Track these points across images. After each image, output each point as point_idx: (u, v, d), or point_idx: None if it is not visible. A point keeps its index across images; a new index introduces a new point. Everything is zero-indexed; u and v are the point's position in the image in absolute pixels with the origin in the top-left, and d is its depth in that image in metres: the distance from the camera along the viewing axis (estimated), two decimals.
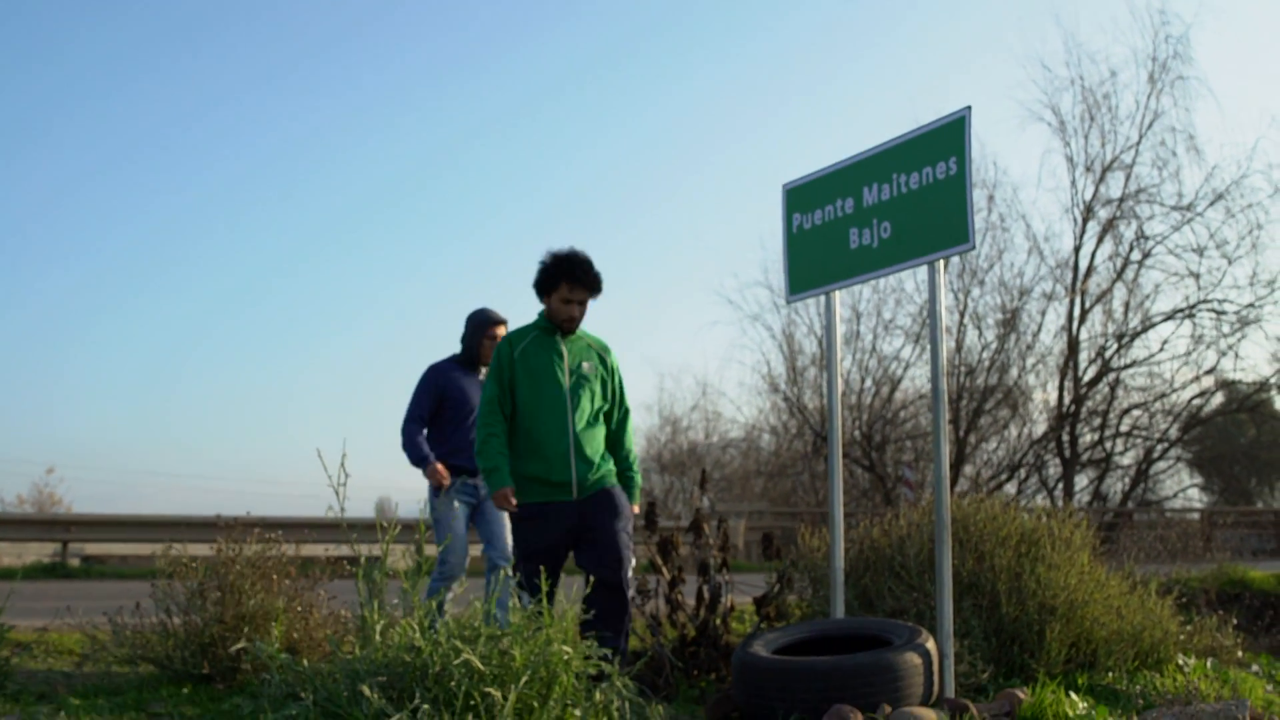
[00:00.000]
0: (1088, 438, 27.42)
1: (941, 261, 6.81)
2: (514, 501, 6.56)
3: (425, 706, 5.40)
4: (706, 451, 35.65)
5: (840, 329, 7.71)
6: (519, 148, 75.70)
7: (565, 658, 5.91)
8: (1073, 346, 25.89)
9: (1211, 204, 25.57)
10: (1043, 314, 26.74)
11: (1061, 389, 26.42)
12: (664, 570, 7.98)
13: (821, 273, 7.47)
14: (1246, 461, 42.32)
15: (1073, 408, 26.37)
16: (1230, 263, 26.02)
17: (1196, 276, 26.00)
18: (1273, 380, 29.51)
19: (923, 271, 24.55)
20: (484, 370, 8.12)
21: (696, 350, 74.21)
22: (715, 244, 66.90)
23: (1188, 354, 26.96)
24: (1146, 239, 25.98)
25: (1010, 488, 26.28)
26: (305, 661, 6.16)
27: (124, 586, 11.18)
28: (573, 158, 76.33)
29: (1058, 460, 27.04)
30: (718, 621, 7.86)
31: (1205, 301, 26.23)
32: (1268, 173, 37.85)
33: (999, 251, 26.45)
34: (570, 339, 6.84)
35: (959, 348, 25.71)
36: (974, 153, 6.66)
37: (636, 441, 7.29)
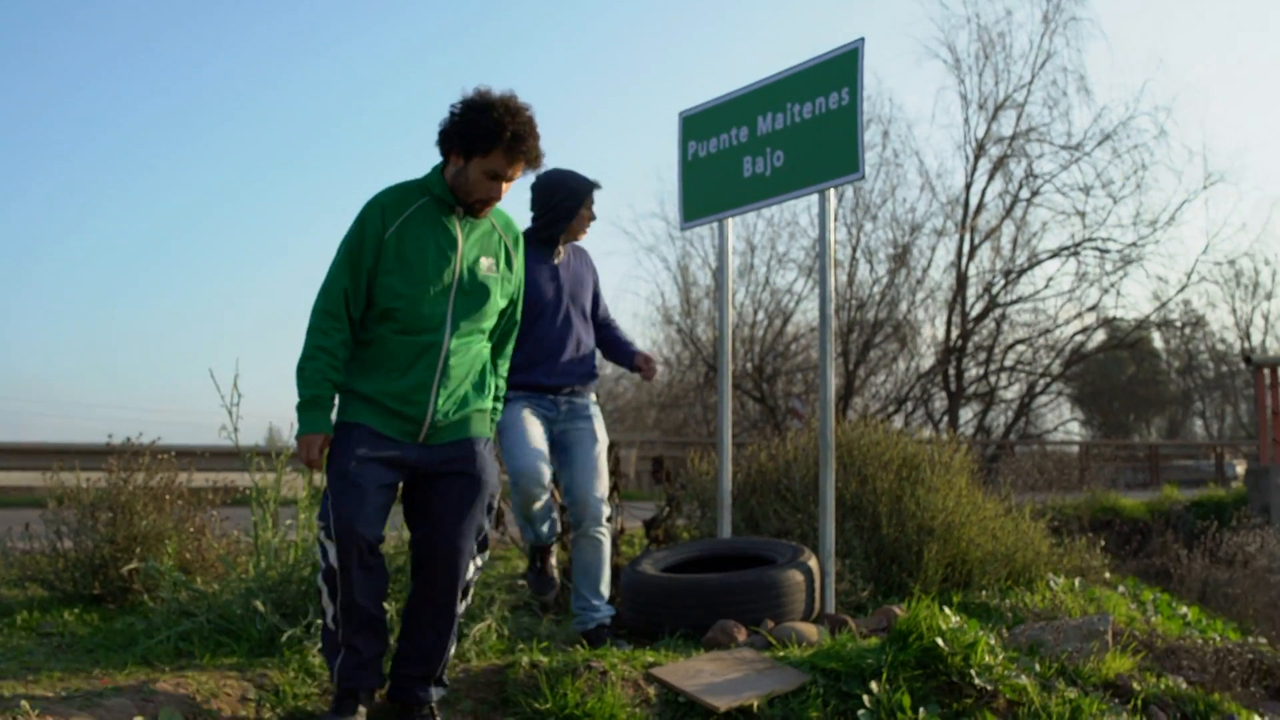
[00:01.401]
0: (973, 372, 27.99)
1: (832, 191, 6.96)
2: (320, 457, 4.43)
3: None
4: (601, 383, 35.83)
5: (734, 262, 7.84)
6: (425, 87, 74.72)
7: None
8: (961, 282, 26.35)
9: (1099, 144, 26.11)
10: (933, 250, 27.18)
11: (949, 324, 26.90)
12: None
13: (715, 200, 7.58)
14: (1125, 397, 43.53)
15: (960, 342, 26.87)
16: (1115, 202, 26.63)
17: (1082, 215, 26.56)
18: (1152, 318, 30.28)
19: (817, 205, 24.86)
20: (561, 252, 6.21)
21: None
22: (612, 174, 66.85)
23: (1072, 291, 27.60)
24: (1036, 177, 26.46)
25: (897, 420, 26.77)
26: (199, 581, 6.20)
27: (11, 514, 11.05)
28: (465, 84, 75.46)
29: (944, 394, 27.57)
30: None
31: (1090, 240, 26.81)
32: (1154, 115, 38.67)
33: (892, 187, 26.78)
34: (474, 221, 4.58)
35: (850, 282, 26.04)
36: (870, 88, 6.82)
37: None
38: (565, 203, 6.04)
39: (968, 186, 26.20)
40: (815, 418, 8.24)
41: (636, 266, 67.72)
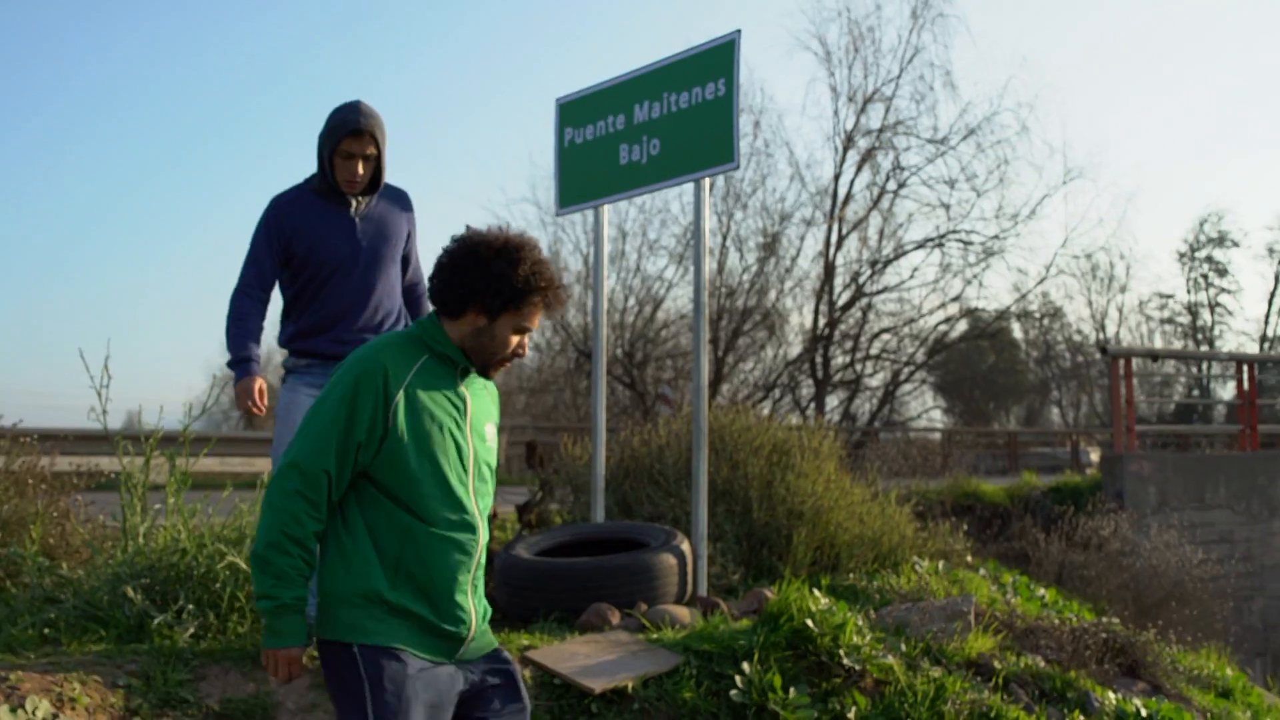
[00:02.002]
0: (840, 360, 28.40)
1: (707, 180, 7.04)
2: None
3: (190, 607, 5.42)
4: None
5: (607, 248, 7.88)
6: (317, 77, 73.46)
7: None
8: (829, 271, 26.71)
9: (964, 139, 26.62)
10: (802, 239, 27.53)
11: (817, 312, 27.26)
12: None
13: (591, 187, 7.62)
14: (985, 386, 44.50)
15: (827, 331, 27.26)
16: (979, 195, 27.20)
17: (947, 208, 27.07)
18: (1012, 309, 31.01)
19: (688, 193, 24.93)
20: (360, 202, 5.43)
21: None
22: (485, 159, 66.40)
23: (936, 282, 28.13)
24: (902, 170, 26.91)
25: (765, 407, 27.07)
26: (64, 567, 6.09)
27: None
28: (347, 72, 74.50)
29: (811, 381, 27.94)
30: None
31: (954, 232, 27.35)
32: (1017, 111, 39.67)
33: (762, 176, 27.04)
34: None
35: (720, 269, 26.26)
36: (742, 78, 6.88)
37: None
38: (322, 148, 5.25)
39: (836, 177, 26.59)
40: (686, 404, 8.32)
41: None
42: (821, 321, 27.28)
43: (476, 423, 3.51)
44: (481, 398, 3.57)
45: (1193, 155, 75.87)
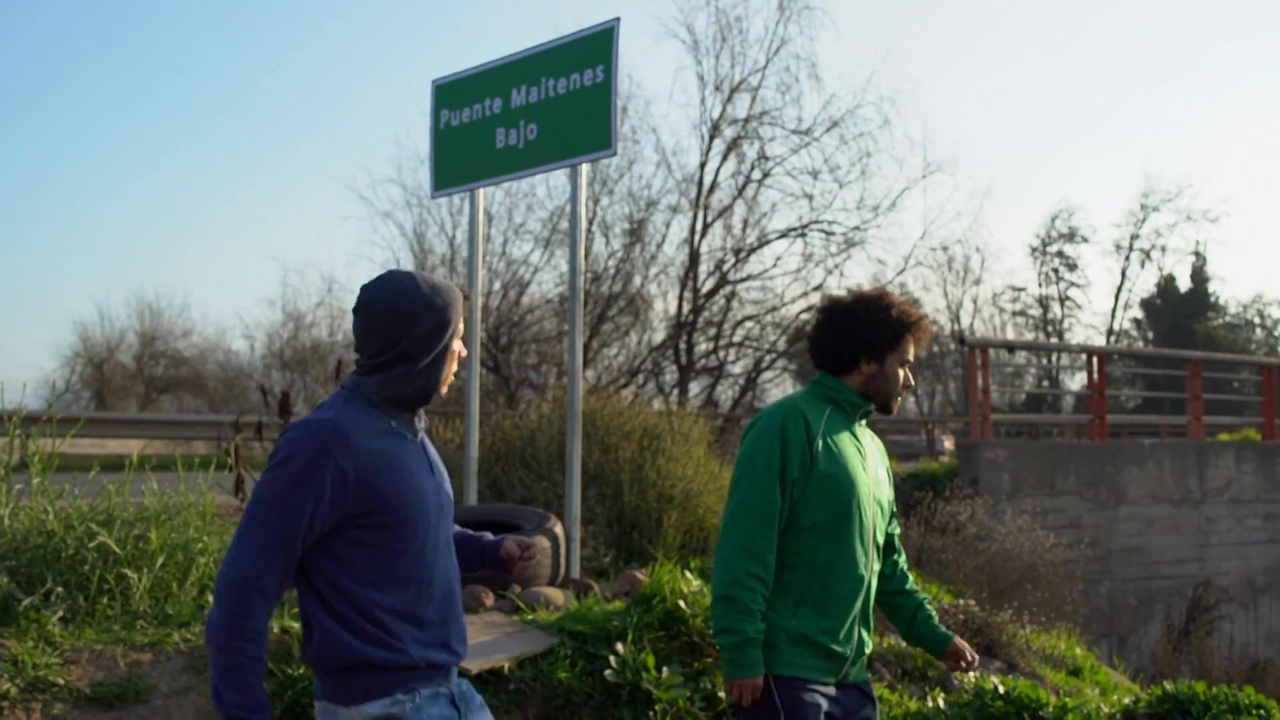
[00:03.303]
0: (703, 346, 28.55)
1: (584, 166, 7.09)
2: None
3: (58, 589, 5.34)
4: (331, 350, 35.23)
5: (482, 231, 7.89)
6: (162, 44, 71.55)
7: (202, 543, 5.96)
8: (694, 259, 26.85)
9: (828, 130, 26.87)
10: (667, 226, 27.59)
11: (681, 299, 27.39)
12: None
13: (467, 170, 7.62)
14: None
15: (691, 317, 27.42)
16: (841, 187, 27.45)
17: (810, 198, 27.31)
18: None
19: (555, 177, 24.89)
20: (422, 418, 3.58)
21: (325, 245, 72.54)
22: (350, 138, 65.45)
23: (798, 271, 28.39)
24: (767, 160, 27.08)
25: (629, 393, 27.20)
26: None
27: None
28: (207, 47, 72.82)
29: (675, 367, 28.08)
30: None
31: (817, 222, 27.61)
32: (879, 104, 40.09)
33: (629, 163, 27.06)
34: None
35: (587, 254, 26.25)
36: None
37: (257, 338, 5.22)
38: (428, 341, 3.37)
39: (702, 165, 26.69)
40: (557, 387, 8.36)
41: (372, 233, 66.82)
42: (686, 308, 27.42)
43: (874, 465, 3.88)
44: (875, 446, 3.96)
45: (1046, 153, 77.90)
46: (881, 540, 3.84)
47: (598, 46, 6.88)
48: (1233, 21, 75.63)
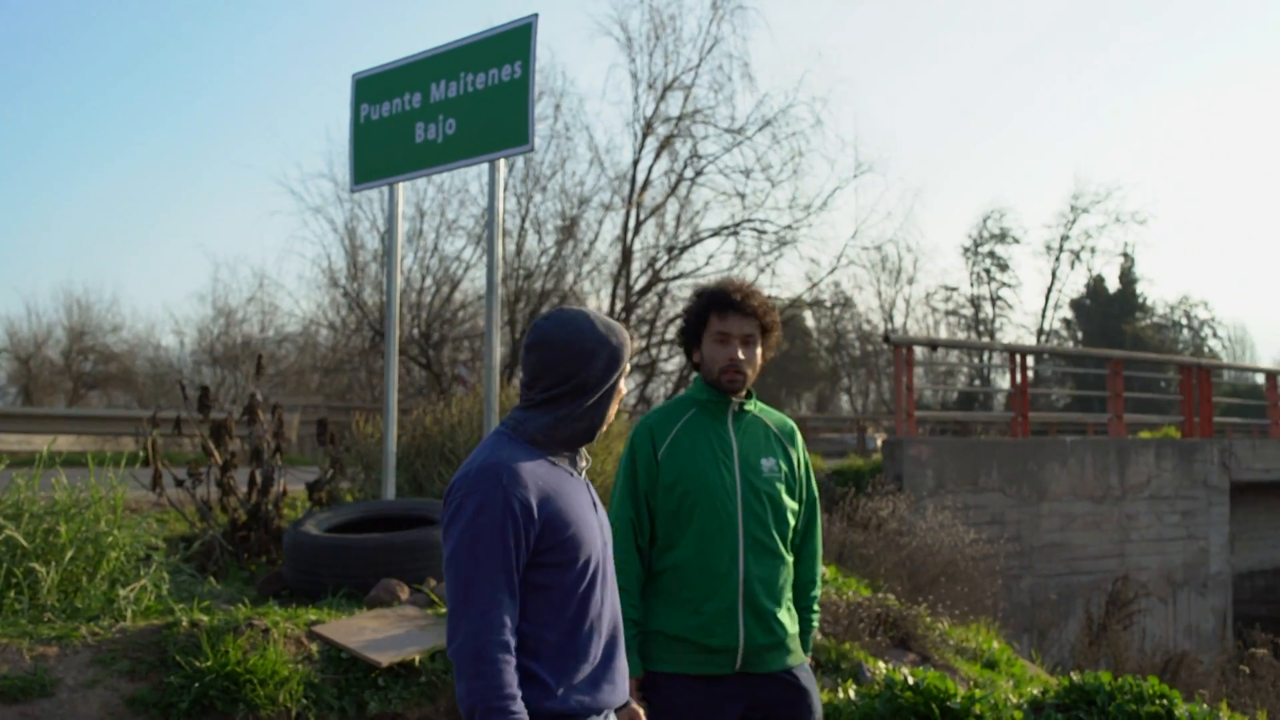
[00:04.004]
0: (636, 344, 28.64)
1: (502, 161, 7.11)
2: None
3: None
4: (262, 345, 34.91)
5: (404, 227, 7.89)
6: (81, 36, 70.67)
7: (112, 537, 5.92)
8: (626, 256, 26.89)
9: (760, 129, 27.00)
10: (600, 223, 27.61)
11: (614, 296, 27.41)
12: (216, 456, 7.97)
13: (386, 164, 7.62)
14: (778, 372, 45.41)
15: (624, 315, 27.44)
16: (773, 186, 27.64)
17: (742, 196, 27.43)
18: (805, 298, 31.67)
19: (487, 174, 24.93)
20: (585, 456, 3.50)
21: (255, 240, 71.85)
22: (282, 132, 64.99)
23: (730, 269, 28.51)
24: (700, 158, 27.18)
25: None
26: None
27: None
28: (136, 42, 72.05)
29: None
30: (270, 506, 7.95)
31: (749, 221, 27.75)
32: (811, 104, 40.40)
33: (562, 160, 27.05)
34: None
35: (519, 251, 26.21)
36: (543, 60, 7.00)
37: (187, 334, 5.33)
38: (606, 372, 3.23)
39: (635, 163, 26.74)
40: (481, 384, 8.38)
41: (303, 228, 65.96)
42: (619, 306, 27.47)
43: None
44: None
45: (978, 154, 78.68)
46: (775, 530, 3.83)
47: (516, 42, 6.90)
48: (1161, 27, 76.82)
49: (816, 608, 4.05)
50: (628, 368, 3.02)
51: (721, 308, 3.88)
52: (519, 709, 2.63)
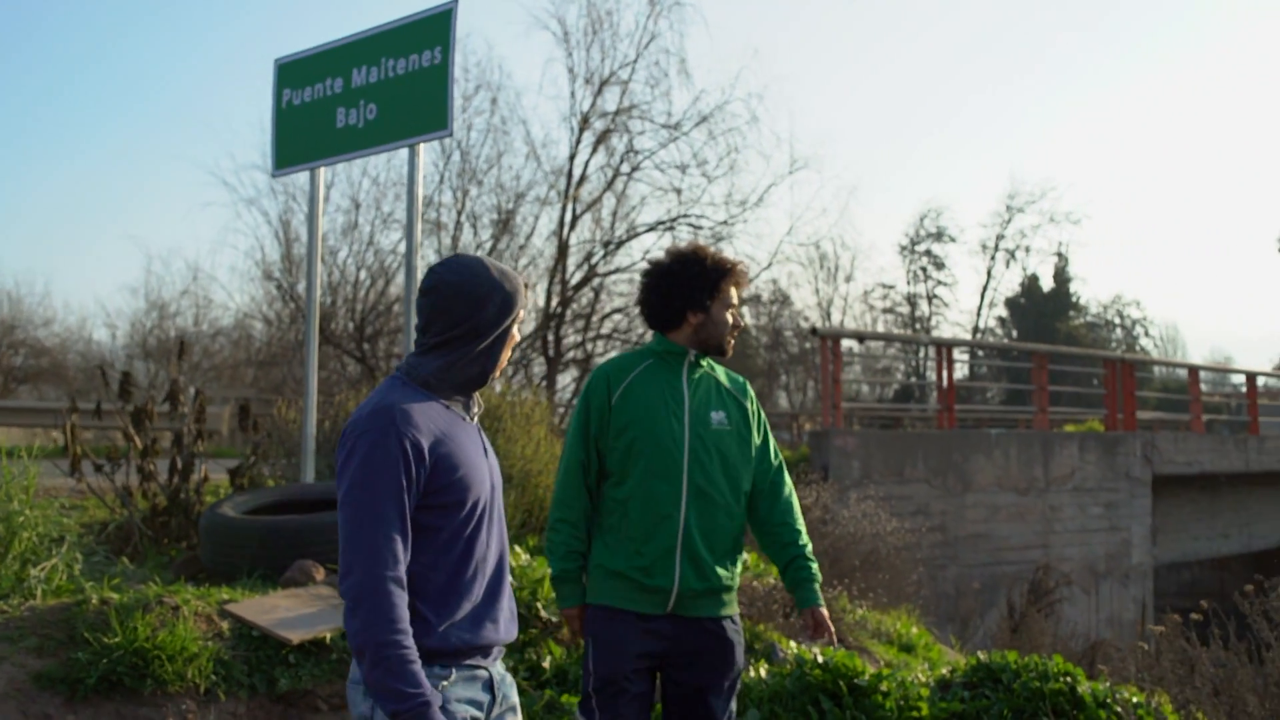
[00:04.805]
0: (572, 338, 28.63)
1: (422, 145, 7.14)
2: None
3: None
4: (196, 339, 34.64)
5: (339, 220, 7.93)
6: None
7: (24, 517, 5.91)
8: (563, 251, 26.91)
9: (696, 125, 27.12)
10: (536, 218, 27.63)
11: (550, 291, 27.43)
12: (137, 441, 7.94)
13: (308, 149, 7.64)
14: None
15: (560, 309, 27.48)
16: (710, 181, 27.75)
17: (679, 192, 27.54)
18: (743, 295, 31.76)
19: (425, 164, 24.83)
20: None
21: (189, 232, 71.12)
22: (215, 123, 64.32)
23: None
24: (636, 153, 27.25)
25: (497, 384, 27.16)
26: None
27: None
28: (64, 28, 71.13)
29: (543, 359, 28.16)
30: (191, 492, 7.93)
31: (685, 216, 27.85)
32: (747, 100, 40.60)
33: (499, 154, 27.08)
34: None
35: (455, 245, 26.18)
36: (480, 54, 7.11)
37: (119, 327, 5.39)
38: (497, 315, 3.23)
39: (572, 158, 26.76)
40: None
41: (236, 219, 65.55)
42: (554, 300, 27.51)
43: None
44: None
45: (915, 153, 79.29)
46: (721, 481, 4.01)
47: (436, 28, 6.95)
48: (1096, 31, 77.74)
49: (810, 555, 4.21)
50: (522, 314, 3.10)
51: (738, 281, 4.22)
52: (410, 644, 2.69)
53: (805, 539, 4.23)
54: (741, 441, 4.10)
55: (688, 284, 4.10)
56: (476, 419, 3.13)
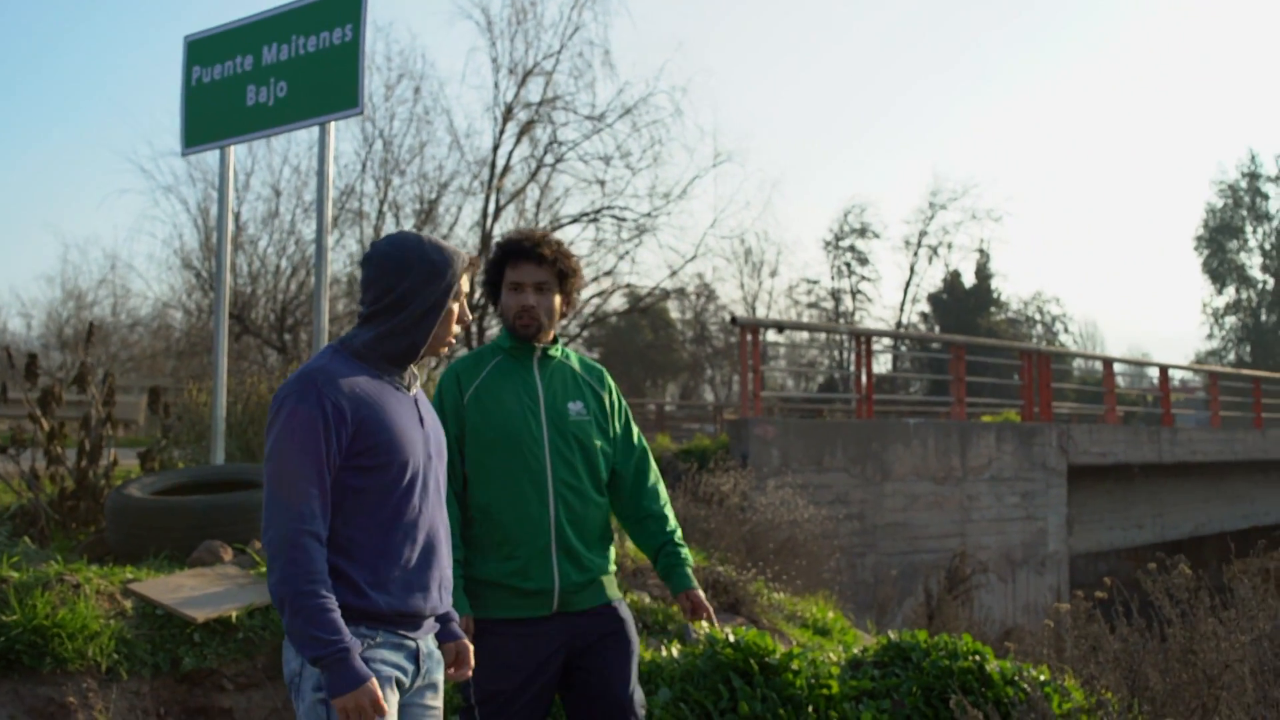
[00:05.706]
0: (495, 329, 28.60)
1: (333, 124, 7.08)
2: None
3: None
4: (114, 329, 34.21)
5: (260, 208, 7.85)
6: None
7: None
8: (486, 241, 26.81)
9: (620, 117, 27.16)
10: (459, 208, 27.54)
11: (473, 283, 27.37)
12: (43, 424, 7.81)
13: (218, 127, 7.55)
14: (643, 362, 45.71)
15: (483, 301, 27.44)
16: (634, 173, 27.78)
17: (602, 184, 27.56)
18: (666, 287, 31.83)
19: (346, 154, 24.58)
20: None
21: (106, 220, 70.01)
22: (131, 108, 63.38)
23: (590, 256, 28.62)
24: (560, 144, 27.23)
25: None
26: None
27: None
28: None
29: (466, 349, 28.07)
30: (100, 475, 7.81)
31: (609, 208, 27.89)
32: (671, 94, 40.97)
33: (421, 144, 26.96)
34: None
35: (377, 234, 26.02)
36: (403, 43, 7.05)
37: (35, 316, 5.17)
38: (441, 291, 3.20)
39: (495, 148, 26.69)
40: None
41: (154, 207, 64.57)
42: (478, 292, 27.39)
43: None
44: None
45: (840, 149, 79.88)
46: (584, 472, 3.93)
47: (347, 5, 6.89)
48: (1016, 31, 78.69)
49: (679, 540, 4.14)
50: (464, 290, 3.12)
51: (515, 257, 3.98)
52: (328, 594, 2.75)
53: (673, 524, 4.17)
54: (601, 430, 4.02)
55: (488, 274, 4.07)
56: (416, 390, 3.14)
